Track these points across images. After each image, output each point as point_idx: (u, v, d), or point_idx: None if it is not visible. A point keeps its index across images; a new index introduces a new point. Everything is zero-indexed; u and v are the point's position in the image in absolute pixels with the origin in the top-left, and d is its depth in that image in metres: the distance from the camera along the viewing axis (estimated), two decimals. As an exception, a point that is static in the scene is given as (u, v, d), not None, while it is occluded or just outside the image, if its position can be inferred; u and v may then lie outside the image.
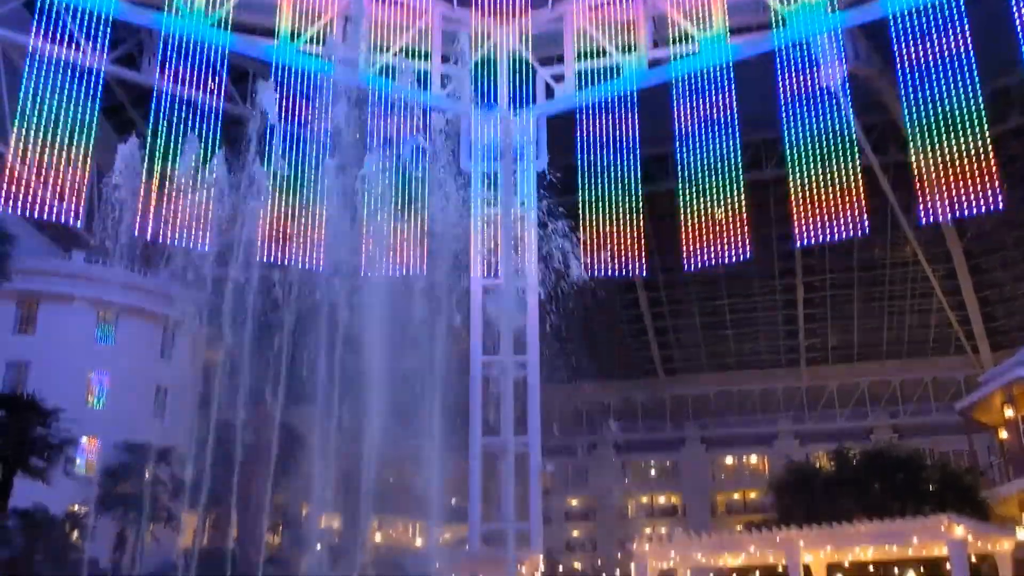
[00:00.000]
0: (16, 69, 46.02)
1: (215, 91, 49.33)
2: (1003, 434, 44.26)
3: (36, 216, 45.23)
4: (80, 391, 47.13)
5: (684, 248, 50.74)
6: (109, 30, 46.56)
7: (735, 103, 49.58)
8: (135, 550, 40.19)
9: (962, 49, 44.97)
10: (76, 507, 41.43)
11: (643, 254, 51.88)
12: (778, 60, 49.23)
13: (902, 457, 44.26)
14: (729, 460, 78.43)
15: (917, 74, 45.87)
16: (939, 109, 45.18)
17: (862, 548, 32.11)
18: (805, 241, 49.29)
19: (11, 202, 43.39)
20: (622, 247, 51.42)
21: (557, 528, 73.23)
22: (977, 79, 44.80)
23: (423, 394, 27.39)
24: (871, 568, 38.07)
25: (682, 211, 50.97)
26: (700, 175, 50.13)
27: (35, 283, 46.99)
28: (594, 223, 51.54)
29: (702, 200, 50.12)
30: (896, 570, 38.80)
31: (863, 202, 47.05)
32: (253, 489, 35.19)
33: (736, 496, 77.09)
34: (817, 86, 48.00)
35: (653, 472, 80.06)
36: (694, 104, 50.43)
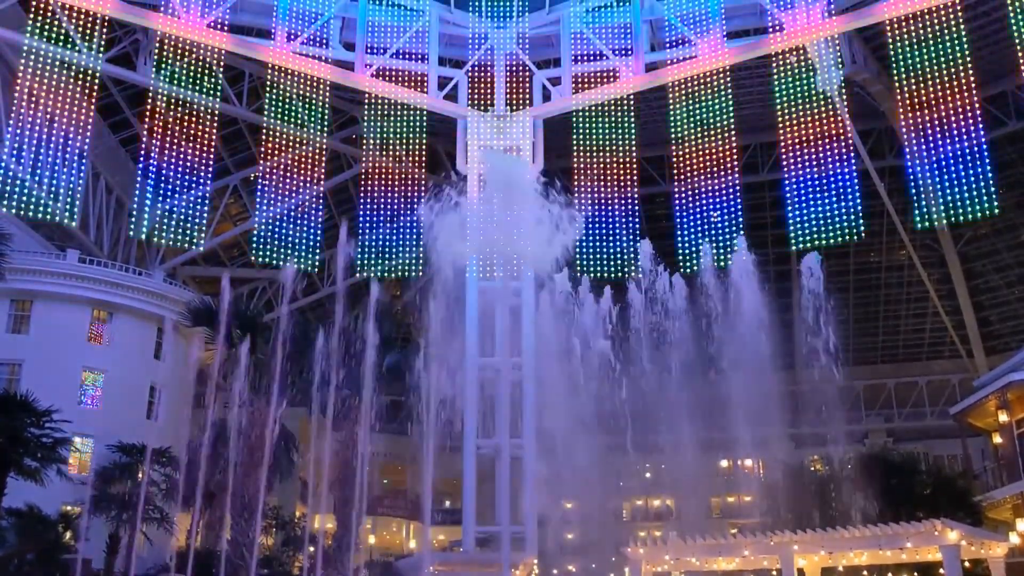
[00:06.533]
0: (11, 67, 45.83)
1: (211, 91, 49.18)
2: (997, 439, 44.32)
3: (31, 215, 45.02)
4: (74, 391, 46.93)
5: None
6: (104, 29, 46.30)
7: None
8: (128, 551, 40.03)
9: (959, 54, 45.01)
10: (69, 507, 41.27)
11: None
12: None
13: (896, 461, 44.24)
14: (724, 463, 78.26)
15: (914, 79, 45.91)
16: (935, 114, 45.23)
17: (856, 552, 32.08)
18: (801, 245, 49.44)
19: (6, 200, 43.19)
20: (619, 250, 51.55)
21: (552, 531, 72.92)
22: (974, 84, 44.88)
23: None
24: (865, 573, 38.02)
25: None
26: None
27: (29, 282, 46.79)
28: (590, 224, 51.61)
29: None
30: (890, 574, 38.76)
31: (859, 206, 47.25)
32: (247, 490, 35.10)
33: (731, 499, 76.92)
34: (814, 90, 48.04)
35: (648, 475, 79.86)
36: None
